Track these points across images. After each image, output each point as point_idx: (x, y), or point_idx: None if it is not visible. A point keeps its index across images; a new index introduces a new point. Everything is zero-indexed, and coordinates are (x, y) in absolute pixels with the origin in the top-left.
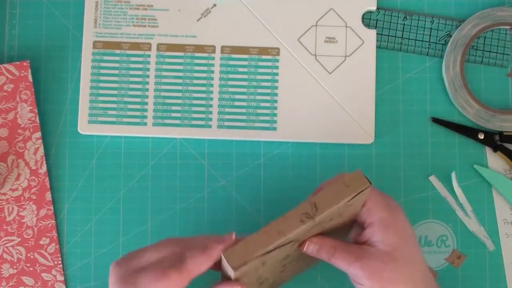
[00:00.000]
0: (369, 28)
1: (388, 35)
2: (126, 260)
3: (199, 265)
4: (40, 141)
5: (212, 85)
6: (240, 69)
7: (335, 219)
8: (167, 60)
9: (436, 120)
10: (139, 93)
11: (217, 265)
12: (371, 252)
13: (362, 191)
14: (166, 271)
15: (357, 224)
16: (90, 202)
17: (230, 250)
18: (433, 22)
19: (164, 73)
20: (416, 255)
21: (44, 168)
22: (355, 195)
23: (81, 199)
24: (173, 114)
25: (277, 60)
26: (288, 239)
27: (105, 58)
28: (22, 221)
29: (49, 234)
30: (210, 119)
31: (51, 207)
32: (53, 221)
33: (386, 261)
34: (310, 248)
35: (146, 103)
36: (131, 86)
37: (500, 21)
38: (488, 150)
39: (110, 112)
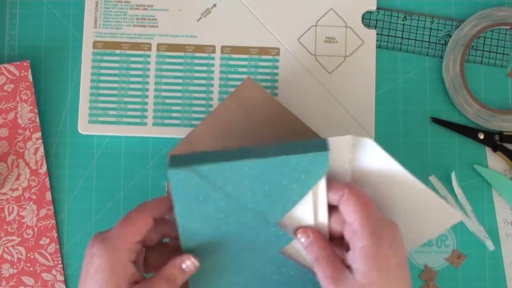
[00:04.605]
0: (369, 28)
1: (388, 35)
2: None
3: (158, 205)
4: (40, 141)
5: (212, 85)
6: (240, 69)
7: None
8: (167, 60)
9: (436, 120)
10: (139, 93)
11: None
12: (348, 280)
13: None
14: (128, 215)
15: (344, 244)
16: (90, 202)
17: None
18: (433, 22)
19: (164, 73)
20: None
21: (44, 168)
22: None
23: (81, 199)
24: (173, 114)
25: (277, 60)
26: None
27: (105, 58)
28: (22, 221)
29: (49, 234)
30: None
31: (51, 207)
32: (53, 221)
33: None
34: (302, 239)
35: (146, 103)
36: (131, 86)
37: (500, 21)
38: (488, 150)
39: (110, 112)
